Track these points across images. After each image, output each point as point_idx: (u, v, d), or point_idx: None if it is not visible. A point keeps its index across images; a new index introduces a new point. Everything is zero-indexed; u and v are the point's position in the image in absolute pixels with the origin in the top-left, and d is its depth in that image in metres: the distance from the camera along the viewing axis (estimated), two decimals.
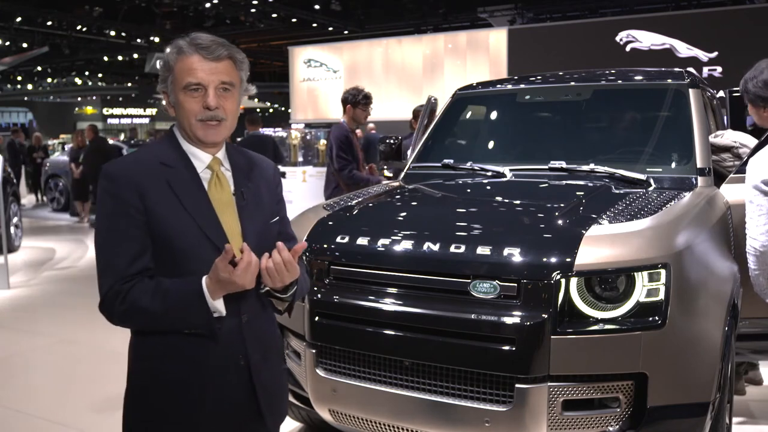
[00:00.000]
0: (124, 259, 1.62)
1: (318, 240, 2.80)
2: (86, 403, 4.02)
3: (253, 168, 1.82)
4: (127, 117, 43.69)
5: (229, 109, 1.70)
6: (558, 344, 2.29)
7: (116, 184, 1.63)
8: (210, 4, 21.50)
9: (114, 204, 1.63)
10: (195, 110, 1.66)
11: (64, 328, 5.56)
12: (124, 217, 1.62)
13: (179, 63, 1.67)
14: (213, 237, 1.65)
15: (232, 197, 1.73)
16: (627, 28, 13.48)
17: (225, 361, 1.69)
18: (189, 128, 1.69)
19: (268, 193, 1.82)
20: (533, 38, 14.72)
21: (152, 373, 1.68)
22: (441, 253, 2.50)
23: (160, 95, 1.76)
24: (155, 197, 1.63)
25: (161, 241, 1.63)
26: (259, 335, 1.75)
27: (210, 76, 1.65)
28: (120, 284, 1.61)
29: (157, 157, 1.69)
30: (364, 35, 22.61)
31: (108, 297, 1.63)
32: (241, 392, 1.72)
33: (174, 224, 1.63)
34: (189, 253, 1.64)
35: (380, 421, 2.58)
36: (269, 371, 1.78)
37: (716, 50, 12.59)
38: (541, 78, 4.17)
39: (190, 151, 1.72)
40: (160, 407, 1.68)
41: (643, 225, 2.54)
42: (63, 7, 22.66)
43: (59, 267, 8.20)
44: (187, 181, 1.68)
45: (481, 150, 4.17)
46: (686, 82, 3.66)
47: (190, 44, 1.67)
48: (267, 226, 1.78)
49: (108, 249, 1.64)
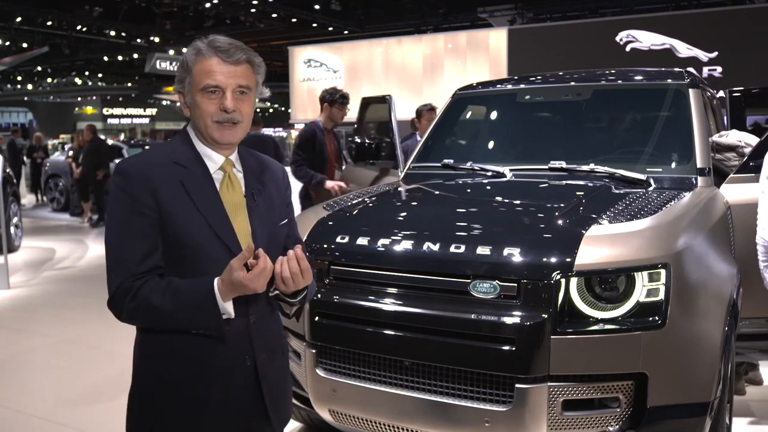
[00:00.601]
0: (135, 256, 1.62)
1: (318, 240, 2.81)
2: (86, 403, 4.03)
3: (264, 171, 1.83)
4: (127, 117, 43.67)
5: (245, 111, 1.71)
6: (558, 344, 2.29)
7: (130, 181, 1.64)
8: (210, 4, 21.49)
9: (127, 201, 1.63)
10: (212, 112, 1.68)
11: (64, 328, 5.56)
12: (137, 215, 1.62)
13: (198, 64, 1.68)
14: (224, 237, 1.66)
15: (243, 199, 1.75)
16: (627, 28, 13.49)
17: (232, 361, 1.69)
18: (205, 129, 1.70)
19: (278, 196, 1.84)
20: (533, 38, 14.73)
21: (158, 372, 1.68)
22: (441, 253, 2.50)
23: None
24: (168, 196, 1.64)
25: (173, 239, 1.64)
26: (266, 336, 1.76)
27: (228, 80, 1.67)
28: (131, 281, 1.61)
29: (171, 156, 1.70)
30: (364, 35, 22.61)
31: (118, 293, 1.62)
32: (247, 393, 1.73)
33: (186, 224, 1.64)
34: (200, 253, 1.65)
35: (380, 421, 2.58)
36: (275, 372, 1.79)
37: (716, 50, 12.60)
38: (541, 78, 4.17)
39: (204, 152, 1.73)
40: (166, 407, 1.68)
41: (643, 225, 2.54)
42: (63, 7, 22.65)
43: (59, 267, 8.20)
44: (200, 181, 1.69)
45: (481, 150, 4.17)
46: (686, 82, 3.66)
47: (210, 46, 1.68)
48: (276, 229, 1.80)
49: (119, 245, 1.64)
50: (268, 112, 41.98)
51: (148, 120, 43.38)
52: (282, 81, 27.80)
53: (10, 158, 13.48)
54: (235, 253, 1.64)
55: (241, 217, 1.72)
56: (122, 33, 25.76)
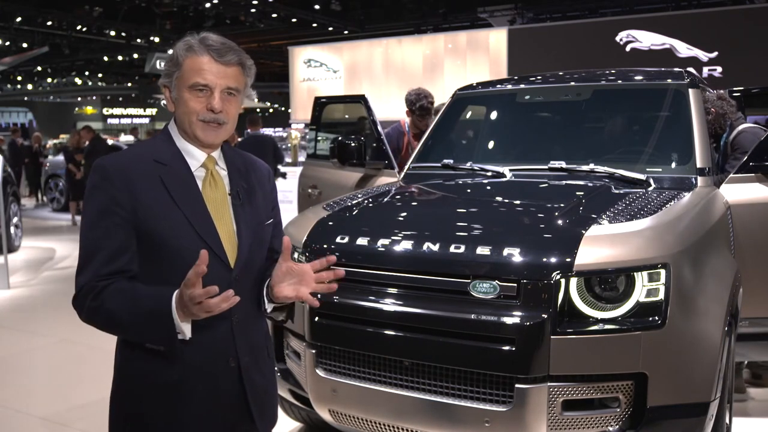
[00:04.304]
0: (103, 255, 1.59)
1: (318, 240, 2.80)
2: (86, 403, 4.02)
3: (248, 169, 1.80)
4: (127, 117, 43.70)
5: (231, 113, 1.69)
6: (558, 344, 2.29)
7: (106, 180, 1.60)
8: (210, 4, 21.50)
9: (102, 199, 1.60)
10: (198, 109, 1.65)
11: (64, 328, 5.55)
12: (110, 214, 1.59)
13: (188, 60, 1.64)
14: (205, 236, 1.62)
15: (227, 196, 1.72)
16: (627, 28, 13.47)
17: (215, 363, 1.66)
18: (189, 126, 1.67)
19: (263, 196, 1.81)
20: (533, 38, 14.71)
21: (140, 373, 1.65)
22: (441, 253, 2.50)
23: (161, 95, 1.75)
24: (147, 194, 1.60)
25: (152, 239, 1.60)
26: (249, 336, 1.72)
27: (218, 80, 1.64)
28: (95, 281, 1.58)
29: (151, 154, 1.67)
30: (364, 35, 22.60)
31: (82, 292, 1.59)
32: (232, 395, 1.69)
33: (166, 222, 1.60)
34: (181, 252, 1.60)
35: (380, 421, 2.58)
36: (260, 372, 1.76)
37: (716, 50, 12.58)
38: (541, 78, 4.17)
39: (185, 149, 1.70)
40: (148, 409, 1.65)
41: (642, 225, 2.54)
42: (63, 7, 22.66)
43: (59, 267, 8.20)
44: (180, 178, 1.65)
45: (481, 150, 4.17)
46: (686, 82, 3.66)
47: (202, 44, 1.65)
48: (261, 228, 1.77)
49: (89, 244, 1.61)
50: (268, 112, 41.96)
51: (148, 120, 43.39)
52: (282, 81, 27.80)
53: (11, 158, 13.49)
54: (217, 254, 1.62)
55: (225, 215, 1.69)
56: (122, 33, 25.77)
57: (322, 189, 4.83)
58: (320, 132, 5.28)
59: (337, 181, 4.63)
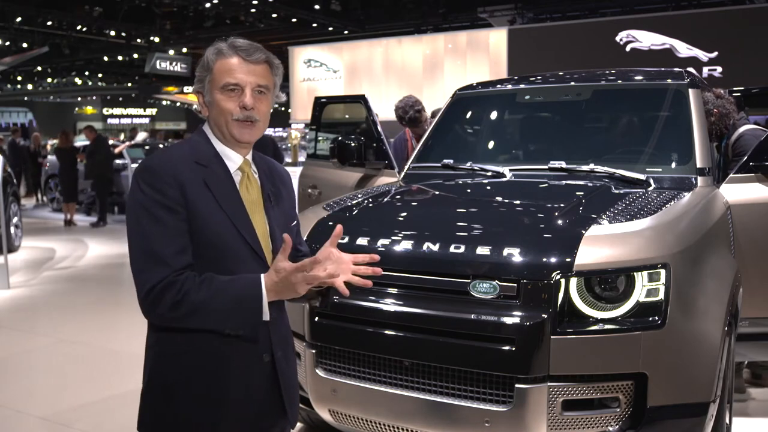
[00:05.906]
0: (174, 250, 1.61)
1: (318, 240, 2.79)
2: (86, 403, 4.02)
3: (273, 172, 1.88)
4: (127, 117, 43.69)
5: (262, 111, 1.74)
6: (558, 344, 2.29)
7: (159, 178, 1.64)
8: (210, 4, 21.48)
9: (156, 197, 1.63)
10: (231, 109, 1.70)
11: (64, 328, 5.56)
12: (170, 211, 1.63)
13: (218, 64, 1.71)
14: (246, 236, 1.69)
15: (260, 198, 1.78)
16: (627, 28, 13.49)
17: (251, 358, 1.72)
18: (225, 126, 1.72)
19: (287, 198, 1.89)
20: (533, 38, 14.72)
21: (176, 370, 1.68)
22: (441, 253, 2.50)
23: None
24: (194, 194, 1.65)
25: (199, 237, 1.65)
26: (281, 333, 1.80)
27: (248, 77, 1.70)
28: (174, 275, 1.59)
29: (191, 155, 1.72)
30: (364, 35, 22.60)
31: (157, 288, 1.59)
32: (265, 389, 1.75)
33: (212, 222, 1.66)
34: (225, 251, 1.66)
35: (380, 421, 2.58)
36: (289, 368, 1.83)
37: (716, 50, 12.59)
38: (541, 78, 4.17)
39: (223, 152, 1.75)
40: (183, 405, 1.68)
41: (642, 225, 2.54)
42: (63, 7, 22.63)
43: (59, 267, 8.20)
44: (222, 180, 1.72)
45: (481, 150, 4.17)
46: (686, 82, 3.66)
47: (230, 46, 1.72)
48: (289, 228, 1.84)
49: (155, 240, 1.61)
50: None
51: (148, 120, 43.38)
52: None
53: (11, 158, 13.49)
54: (257, 252, 1.69)
55: (260, 216, 1.76)
56: (122, 33, 25.74)
57: (322, 189, 4.84)
58: (320, 132, 5.29)
59: (337, 181, 4.64)
